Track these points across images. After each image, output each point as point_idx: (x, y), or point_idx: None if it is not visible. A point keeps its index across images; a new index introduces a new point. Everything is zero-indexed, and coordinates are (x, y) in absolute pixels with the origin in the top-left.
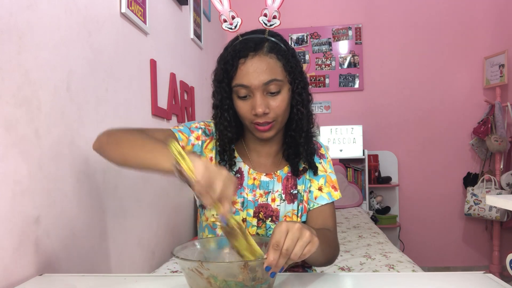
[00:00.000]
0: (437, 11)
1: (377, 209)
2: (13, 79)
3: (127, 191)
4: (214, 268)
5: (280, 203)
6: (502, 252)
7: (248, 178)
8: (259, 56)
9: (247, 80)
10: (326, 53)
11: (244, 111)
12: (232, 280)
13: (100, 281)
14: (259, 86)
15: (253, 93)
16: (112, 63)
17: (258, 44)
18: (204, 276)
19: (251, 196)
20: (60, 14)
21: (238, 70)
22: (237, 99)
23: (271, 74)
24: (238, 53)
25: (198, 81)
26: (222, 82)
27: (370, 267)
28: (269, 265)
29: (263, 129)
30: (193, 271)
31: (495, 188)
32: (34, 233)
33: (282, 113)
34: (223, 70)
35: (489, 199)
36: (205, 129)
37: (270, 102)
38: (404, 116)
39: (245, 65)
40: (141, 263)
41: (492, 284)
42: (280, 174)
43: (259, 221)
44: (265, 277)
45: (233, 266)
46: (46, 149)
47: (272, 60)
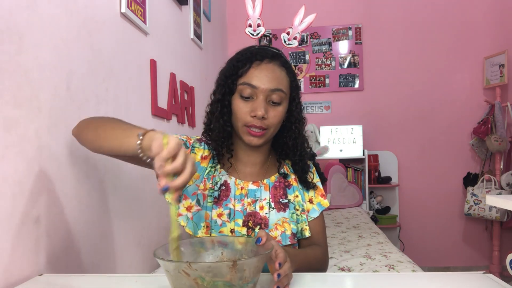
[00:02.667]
0: (437, 11)
1: (377, 209)
2: (13, 79)
3: (127, 191)
4: (202, 269)
5: (269, 211)
6: (502, 252)
7: (235, 188)
8: (273, 64)
9: (256, 81)
10: (326, 53)
11: (242, 111)
12: (219, 280)
13: (100, 281)
14: (266, 90)
15: (256, 96)
16: (112, 63)
17: (275, 55)
18: (191, 277)
19: (239, 206)
20: (60, 14)
21: (250, 70)
22: (239, 98)
23: (279, 84)
24: (255, 56)
25: (198, 81)
26: (229, 78)
27: (370, 267)
28: None
29: (255, 134)
30: (180, 273)
31: (495, 188)
32: (34, 233)
33: (276, 124)
34: (234, 67)
35: (489, 199)
36: (186, 141)
37: (270, 110)
38: (404, 116)
39: (259, 68)
40: (141, 263)
41: (492, 284)
42: (267, 182)
43: (248, 230)
44: (252, 275)
45: (221, 266)
46: (46, 149)
47: (283, 73)
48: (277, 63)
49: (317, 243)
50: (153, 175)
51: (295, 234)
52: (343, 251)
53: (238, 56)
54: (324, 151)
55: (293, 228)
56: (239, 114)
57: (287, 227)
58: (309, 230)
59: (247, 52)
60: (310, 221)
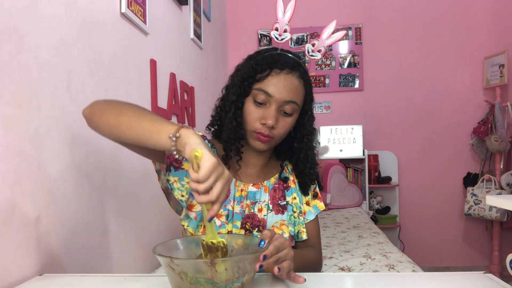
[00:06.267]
0: (437, 11)
1: (377, 209)
2: (13, 79)
3: (127, 191)
4: (183, 265)
5: (267, 213)
6: (502, 252)
7: (235, 190)
8: (292, 75)
9: (273, 89)
10: (326, 53)
11: (253, 116)
12: (201, 277)
13: (100, 281)
14: (280, 100)
15: (270, 104)
16: (112, 63)
17: (295, 65)
18: (176, 272)
19: (238, 208)
20: (60, 14)
21: (269, 77)
22: (251, 102)
23: (294, 96)
24: (276, 63)
25: (198, 81)
26: (246, 80)
27: (370, 267)
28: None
29: (262, 139)
30: (168, 267)
31: (495, 188)
32: (34, 233)
33: (283, 134)
34: (253, 70)
35: (489, 199)
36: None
37: (280, 120)
38: (404, 116)
39: (278, 76)
40: (141, 263)
41: (492, 284)
42: (267, 184)
43: (246, 232)
44: (237, 275)
45: (199, 263)
46: (46, 149)
47: (300, 85)
48: (296, 74)
49: (312, 245)
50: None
51: (293, 236)
52: (343, 251)
53: (258, 58)
54: (324, 151)
55: (291, 230)
56: (250, 119)
57: (285, 229)
58: (305, 233)
59: (268, 57)
60: (306, 223)
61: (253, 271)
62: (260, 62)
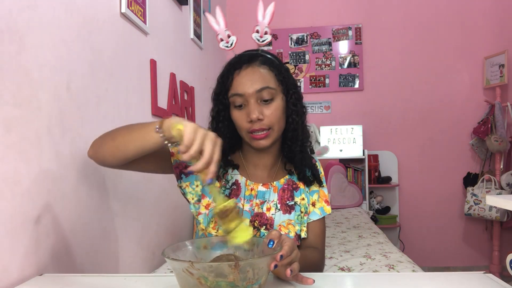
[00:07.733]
0: (437, 11)
1: (377, 209)
2: (13, 79)
3: (127, 191)
4: (205, 269)
5: (275, 212)
6: (502, 252)
7: (245, 189)
8: (252, 67)
9: (241, 88)
10: (326, 53)
11: (240, 120)
12: (222, 280)
13: (100, 281)
14: (253, 93)
15: (247, 101)
16: (112, 63)
17: (251, 58)
18: (195, 277)
19: (248, 207)
20: (60, 14)
21: (233, 81)
22: (234, 109)
23: (263, 82)
24: (233, 66)
25: (198, 81)
26: (219, 94)
27: (370, 267)
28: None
29: (259, 137)
30: (184, 272)
31: (495, 188)
32: (34, 233)
33: (277, 121)
34: (220, 84)
35: (489, 199)
36: None
37: (264, 109)
38: (404, 116)
39: (240, 76)
40: (141, 263)
41: (492, 284)
42: (276, 185)
43: (254, 229)
44: (256, 277)
45: (223, 266)
46: (46, 149)
47: (265, 71)
48: (256, 64)
49: (316, 246)
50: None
51: (299, 236)
52: (343, 251)
53: (221, 72)
54: (324, 151)
55: (297, 229)
56: (238, 123)
57: (291, 228)
58: (305, 231)
59: (226, 66)
60: (309, 222)
61: (268, 272)
62: (222, 74)
